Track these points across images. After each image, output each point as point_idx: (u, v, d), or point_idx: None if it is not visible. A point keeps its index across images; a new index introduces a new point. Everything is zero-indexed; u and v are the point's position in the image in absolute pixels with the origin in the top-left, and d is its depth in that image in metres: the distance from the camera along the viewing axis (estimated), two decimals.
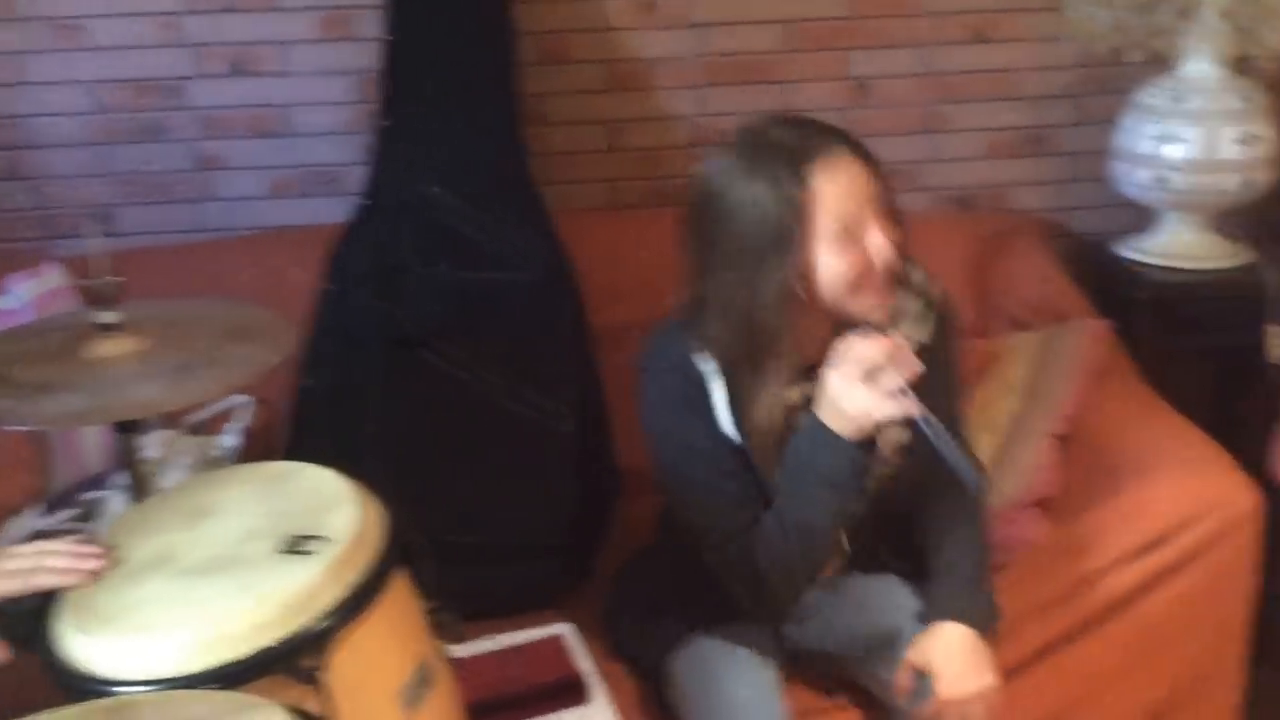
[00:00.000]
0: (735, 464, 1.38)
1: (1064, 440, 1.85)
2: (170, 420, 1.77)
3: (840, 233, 1.29)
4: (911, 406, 1.27)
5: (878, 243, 1.30)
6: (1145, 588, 1.70)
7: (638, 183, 2.31)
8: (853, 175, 1.29)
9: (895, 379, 1.27)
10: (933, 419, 1.27)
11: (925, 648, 1.42)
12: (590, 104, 2.29)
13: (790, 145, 1.29)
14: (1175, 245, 2.22)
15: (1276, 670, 1.95)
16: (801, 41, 2.28)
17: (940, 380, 1.42)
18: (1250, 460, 1.80)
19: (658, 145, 2.30)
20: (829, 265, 1.30)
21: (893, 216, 1.33)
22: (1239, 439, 1.86)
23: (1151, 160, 2.15)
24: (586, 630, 1.60)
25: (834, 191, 1.28)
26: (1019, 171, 2.40)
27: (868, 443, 1.33)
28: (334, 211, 2.06)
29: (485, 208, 1.87)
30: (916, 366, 1.28)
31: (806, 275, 1.30)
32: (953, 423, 1.49)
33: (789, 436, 1.36)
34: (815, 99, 2.29)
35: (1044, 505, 1.76)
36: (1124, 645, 1.71)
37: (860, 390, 1.27)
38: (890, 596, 1.53)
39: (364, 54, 2.13)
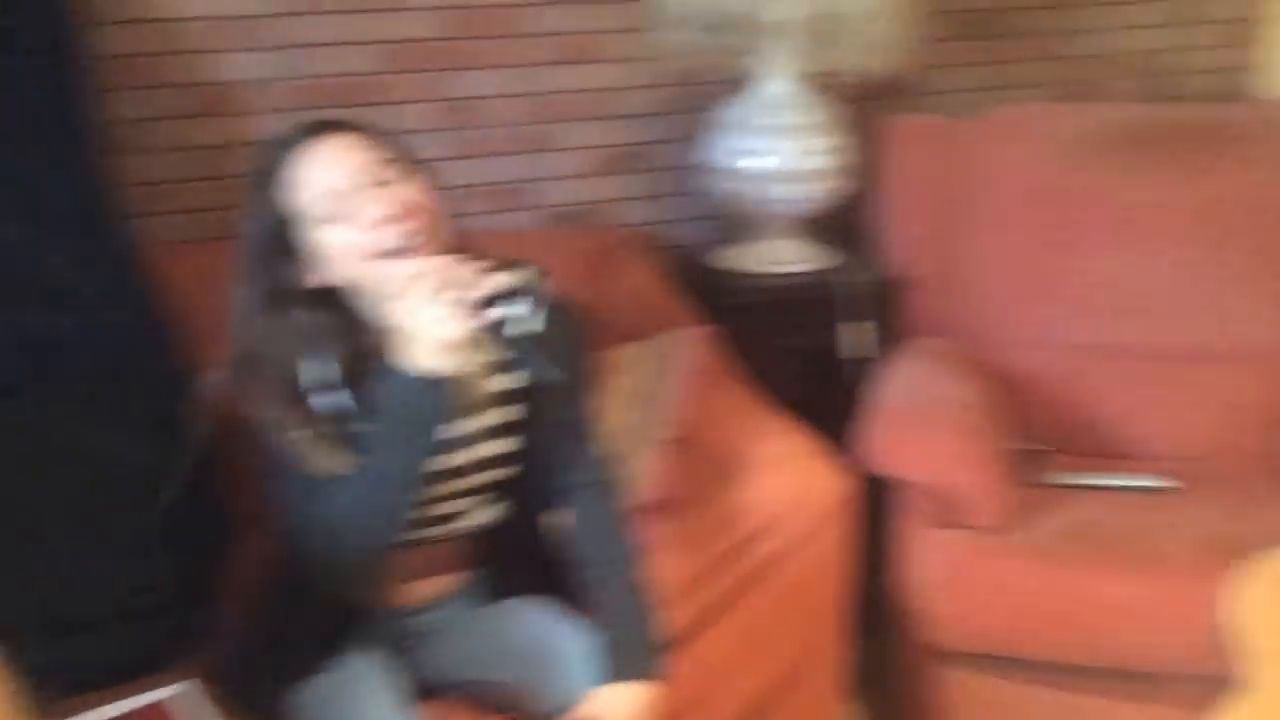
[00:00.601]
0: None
1: (677, 444, 1.94)
2: None
3: (336, 210, 1.33)
4: (487, 315, 1.29)
5: (371, 207, 1.32)
6: (755, 578, 1.81)
7: (236, 212, 2.21)
8: (337, 154, 1.34)
9: (467, 293, 1.28)
10: (522, 337, 1.30)
11: (597, 706, 1.44)
12: (182, 130, 2.17)
13: (273, 148, 1.36)
14: (765, 252, 2.39)
15: (880, 639, 2.14)
16: (400, 63, 2.27)
17: (565, 378, 1.47)
18: (843, 449, 1.96)
19: None
20: (338, 243, 1.33)
21: (404, 179, 1.36)
22: (834, 430, 2.03)
23: (736, 174, 2.30)
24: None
25: (317, 175, 1.33)
26: (621, 187, 2.50)
27: (449, 383, 1.33)
28: None
29: (63, 246, 1.73)
30: (485, 280, 1.30)
31: (329, 261, 1.35)
32: (582, 423, 1.54)
33: None
34: (416, 121, 2.29)
35: (659, 508, 1.84)
36: (739, 635, 1.81)
37: (434, 308, 1.28)
38: (536, 620, 1.54)
39: None
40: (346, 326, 1.39)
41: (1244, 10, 2.86)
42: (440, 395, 1.32)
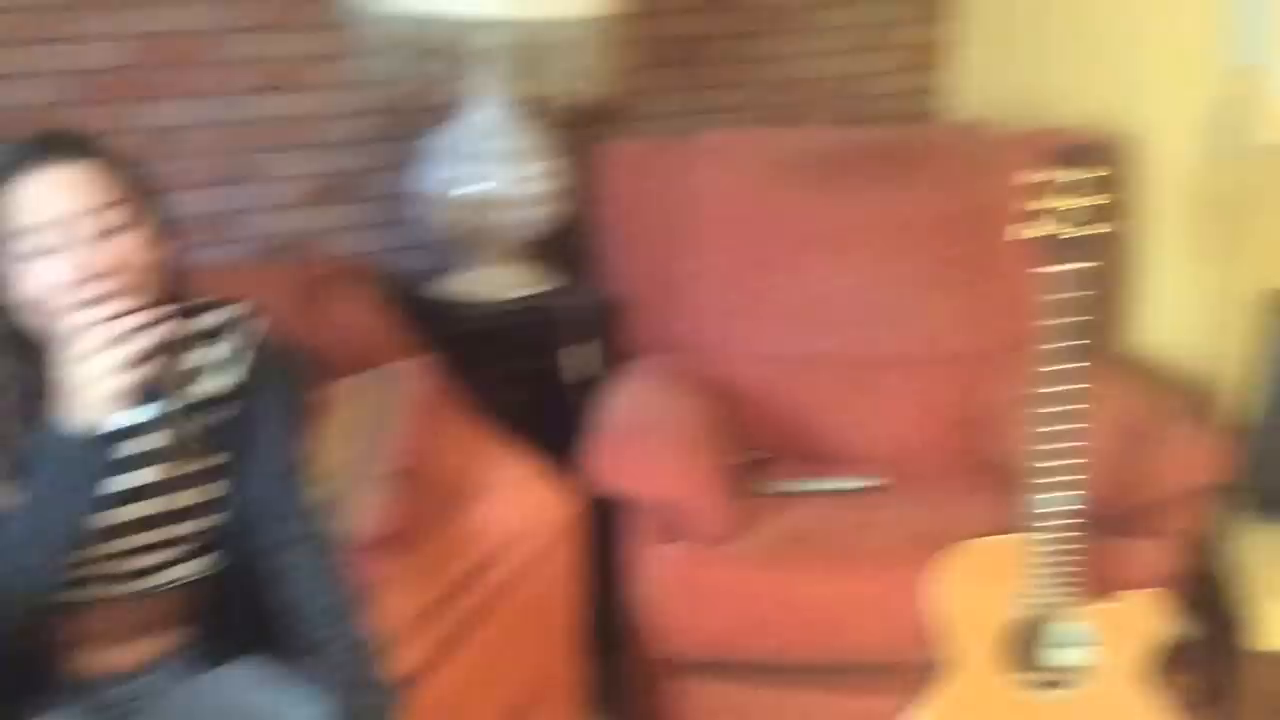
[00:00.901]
0: None
1: (404, 476, 1.91)
2: None
3: (35, 249, 1.24)
4: (183, 359, 1.26)
5: (72, 260, 1.24)
6: (487, 606, 1.80)
7: None
8: (53, 190, 1.25)
9: (141, 340, 1.23)
10: (179, 397, 1.28)
11: None
12: None
13: None
14: (484, 279, 2.38)
15: (617, 656, 2.17)
16: (88, 93, 2.15)
17: (270, 424, 1.42)
18: (571, 470, 1.99)
19: None
20: (30, 284, 1.25)
21: (124, 227, 1.28)
22: (562, 452, 2.05)
23: (451, 200, 2.28)
24: None
25: (27, 208, 1.24)
26: (335, 217, 2.44)
27: (113, 436, 1.28)
28: None
29: None
30: (165, 327, 1.25)
31: (16, 297, 1.26)
32: (292, 468, 1.48)
33: None
34: None
35: (386, 543, 1.80)
36: (475, 666, 1.80)
37: (101, 358, 1.22)
38: (257, 685, 1.45)
39: None
40: (26, 365, 1.29)
41: (924, 37, 3.08)
42: (97, 451, 1.26)
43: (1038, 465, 1.78)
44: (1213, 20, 2.47)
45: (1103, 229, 1.69)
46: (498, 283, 2.38)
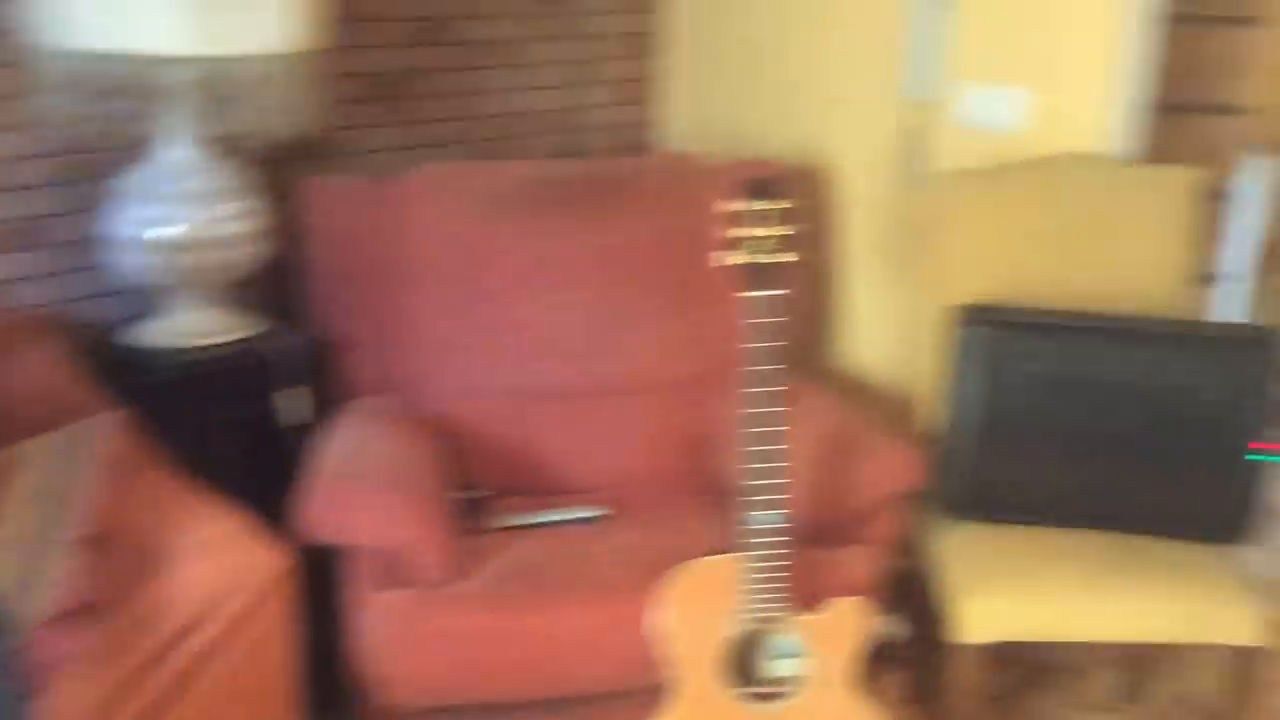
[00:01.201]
0: None
1: (93, 542, 1.79)
2: None
3: None
4: None
5: None
6: (190, 674, 1.70)
7: None
8: None
9: None
10: None
11: None
12: None
13: None
14: (186, 324, 2.26)
15: (345, 710, 2.10)
16: None
17: None
18: (286, 520, 1.92)
19: None
20: None
21: None
22: (274, 504, 1.97)
23: (143, 244, 2.16)
24: None
25: None
26: (12, 266, 2.26)
27: None
28: None
29: None
30: None
31: None
32: None
33: None
34: None
35: (73, 616, 1.68)
36: None
37: None
38: None
39: None
40: None
41: (635, 71, 3.15)
42: None
43: (748, 484, 1.84)
44: (892, 60, 2.65)
45: (790, 257, 1.76)
46: (200, 328, 2.27)
